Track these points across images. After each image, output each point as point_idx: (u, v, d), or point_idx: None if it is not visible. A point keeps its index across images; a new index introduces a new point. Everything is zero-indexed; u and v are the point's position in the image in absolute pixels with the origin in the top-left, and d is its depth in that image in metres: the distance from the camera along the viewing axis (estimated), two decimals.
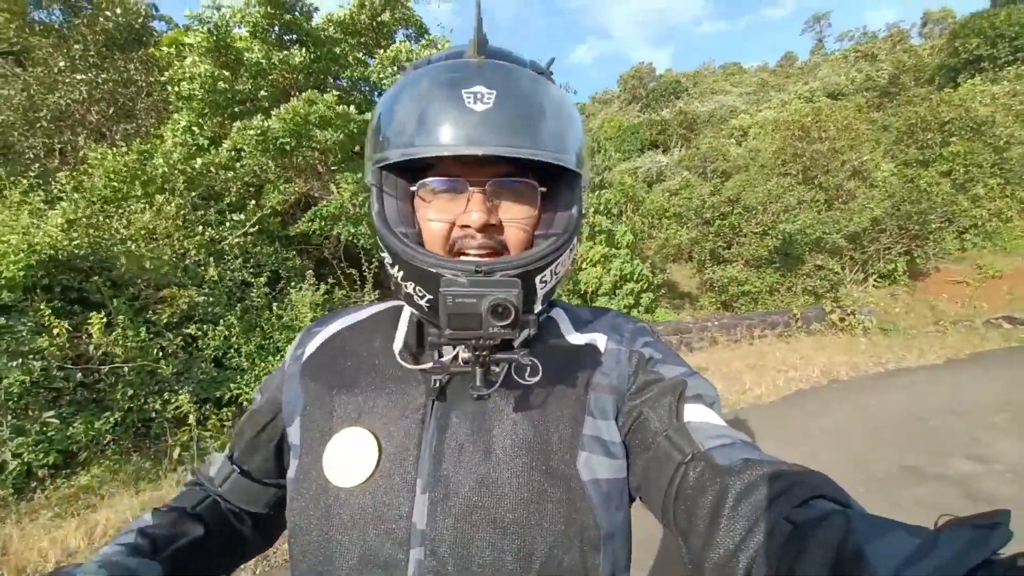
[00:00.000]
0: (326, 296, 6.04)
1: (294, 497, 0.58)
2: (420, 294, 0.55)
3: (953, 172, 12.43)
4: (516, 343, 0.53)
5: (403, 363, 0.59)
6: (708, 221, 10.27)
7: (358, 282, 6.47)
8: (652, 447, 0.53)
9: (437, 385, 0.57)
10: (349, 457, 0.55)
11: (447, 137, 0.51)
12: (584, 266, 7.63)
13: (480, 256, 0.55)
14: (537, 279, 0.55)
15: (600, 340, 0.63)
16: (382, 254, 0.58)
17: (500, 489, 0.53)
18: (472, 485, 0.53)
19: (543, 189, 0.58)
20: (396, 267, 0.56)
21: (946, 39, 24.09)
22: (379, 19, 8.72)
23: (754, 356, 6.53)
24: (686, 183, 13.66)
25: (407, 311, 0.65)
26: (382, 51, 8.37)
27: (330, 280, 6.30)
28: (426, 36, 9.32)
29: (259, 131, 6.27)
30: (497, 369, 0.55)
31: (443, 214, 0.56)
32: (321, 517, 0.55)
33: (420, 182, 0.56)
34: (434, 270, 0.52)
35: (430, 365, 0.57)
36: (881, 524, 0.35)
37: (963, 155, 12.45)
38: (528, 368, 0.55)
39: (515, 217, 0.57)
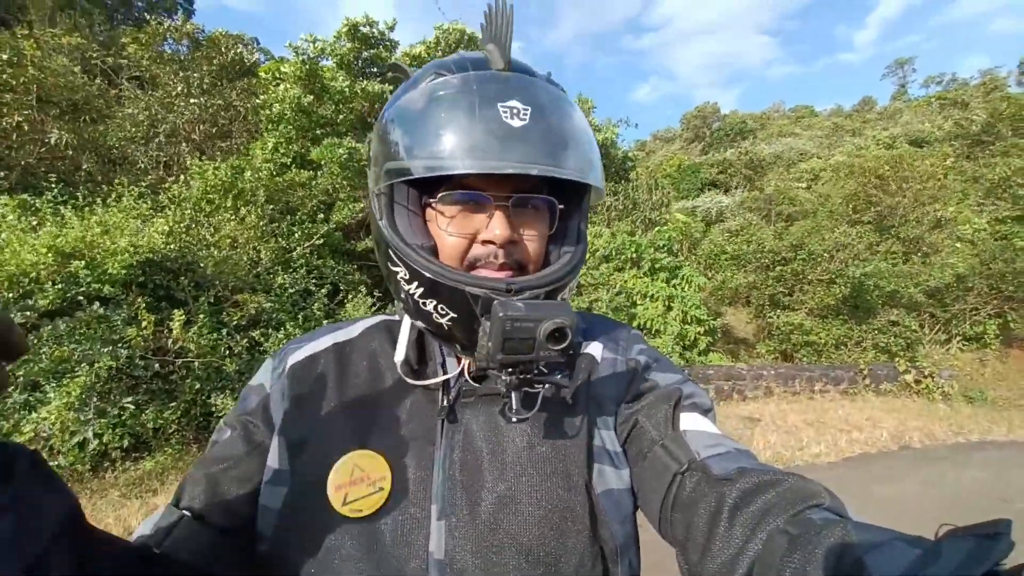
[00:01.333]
0: (379, 308, 6.32)
1: (286, 527, 0.51)
2: (443, 312, 0.52)
3: None
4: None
5: (406, 378, 0.56)
6: (769, 266, 9.84)
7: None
8: (648, 456, 0.52)
9: (445, 404, 0.55)
10: (359, 483, 0.51)
11: (490, 152, 0.49)
12: (640, 301, 7.51)
13: (499, 273, 0.54)
14: (559, 296, 0.55)
15: (596, 349, 0.62)
16: (394, 268, 0.55)
17: (520, 509, 0.51)
18: (490, 508, 0.51)
19: (561, 207, 0.57)
20: (416, 283, 0.53)
21: None
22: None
23: (814, 412, 6.08)
24: (748, 224, 13.22)
25: (406, 326, 0.60)
26: None
27: (380, 294, 6.61)
28: None
29: (347, 150, 6.79)
30: (534, 390, 0.52)
31: (463, 229, 0.54)
32: (322, 551, 0.50)
33: (442, 194, 0.54)
34: (462, 287, 0.50)
35: (436, 381, 0.56)
36: (880, 534, 0.35)
37: None
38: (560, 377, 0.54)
39: (534, 234, 0.56)
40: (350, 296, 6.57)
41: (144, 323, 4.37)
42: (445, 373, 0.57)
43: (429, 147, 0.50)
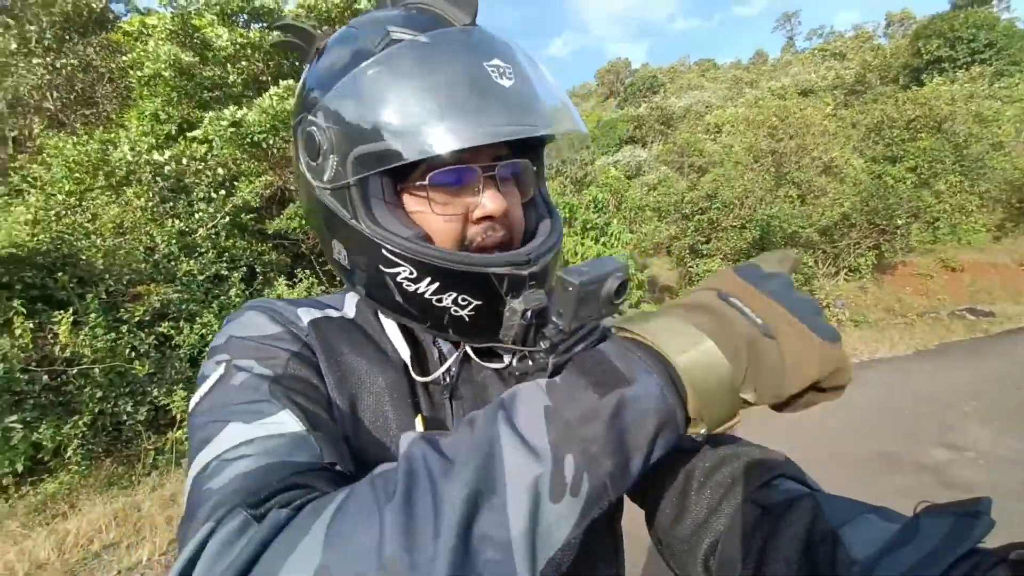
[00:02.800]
0: (306, 293, 5.92)
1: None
2: (464, 303, 0.49)
3: (918, 168, 12.94)
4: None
5: (416, 376, 0.54)
6: (687, 216, 10.43)
7: (338, 279, 6.37)
8: None
9: (449, 383, 0.56)
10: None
11: (495, 118, 0.45)
12: (573, 261, 7.66)
13: (495, 246, 0.52)
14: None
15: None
16: (391, 269, 0.49)
17: None
18: None
19: (534, 168, 0.56)
20: (428, 279, 0.48)
21: (908, 40, 24.99)
22: (355, 7, 8.51)
23: None
24: (664, 178, 13.83)
25: (394, 325, 0.57)
26: None
27: (307, 274, 6.19)
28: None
29: (231, 122, 6.03)
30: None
31: (454, 208, 0.51)
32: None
33: (432, 175, 0.49)
34: (485, 271, 0.47)
35: (439, 373, 0.55)
36: (851, 507, 0.35)
37: (928, 151, 12.97)
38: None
39: (516, 200, 0.54)
40: (269, 279, 6.08)
41: (19, 330, 3.75)
42: (442, 354, 0.57)
43: (420, 122, 0.45)
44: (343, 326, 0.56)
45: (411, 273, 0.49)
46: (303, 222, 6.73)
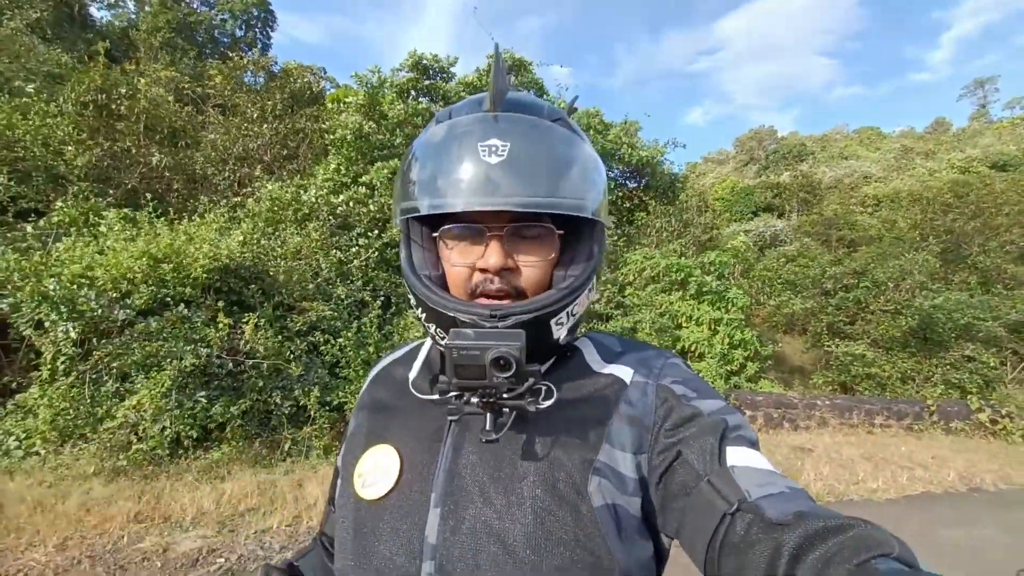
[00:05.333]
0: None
1: (336, 512, 0.64)
2: (440, 335, 0.58)
3: None
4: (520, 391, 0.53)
5: (417, 393, 0.64)
6: (828, 292, 9.40)
7: None
8: (693, 491, 0.50)
9: (456, 406, 0.60)
10: (376, 472, 0.59)
11: (464, 191, 0.53)
12: (686, 324, 7.41)
13: (499, 298, 0.57)
14: (552, 322, 0.57)
15: (626, 373, 0.61)
16: (409, 296, 0.62)
17: (509, 509, 0.53)
18: (481, 503, 0.53)
19: (560, 232, 0.59)
20: (419, 309, 0.60)
21: None
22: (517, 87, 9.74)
23: (873, 446, 5.72)
24: (805, 249, 12.69)
25: (426, 345, 0.72)
26: None
27: None
28: (546, 96, 10.18)
29: (392, 171, 7.24)
30: (507, 410, 0.55)
31: (464, 258, 0.58)
32: (353, 528, 0.58)
33: (443, 228, 0.58)
34: (450, 313, 0.55)
35: (436, 396, 0.62)
36: None
37: None
38: (543, 392, 0.56)
39: (532, 261, 0.58)
40: (400, 309, 6.92)
41: (221, 325, 4.83)
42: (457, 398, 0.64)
43: (424, 187, 0.56)
44: (402, 360, 0.74)
45: (413, 301, 0.62)
46: None
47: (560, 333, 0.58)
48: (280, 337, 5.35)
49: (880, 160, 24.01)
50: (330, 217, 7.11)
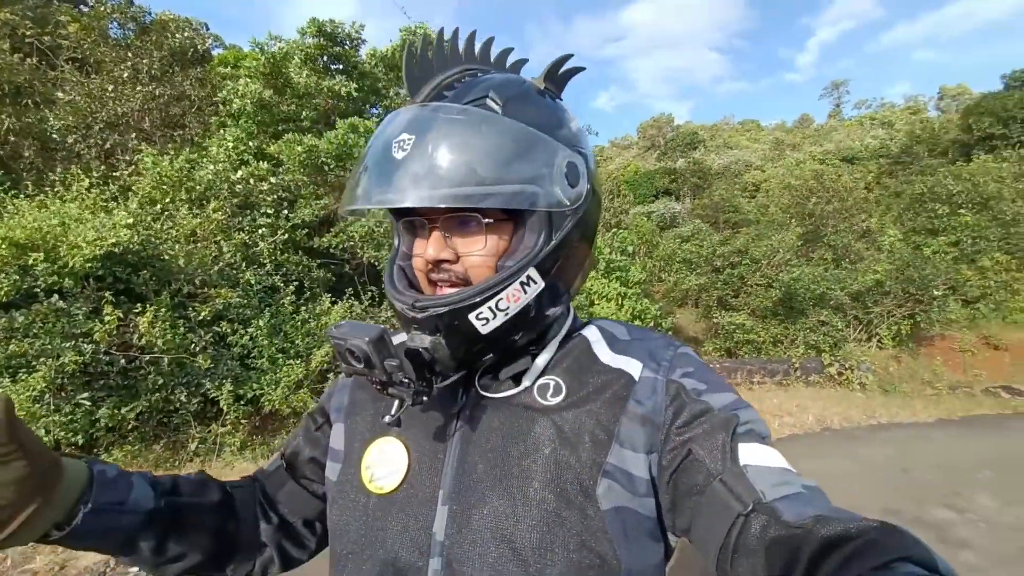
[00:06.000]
0: (348, 311, 6.37)
1: (335, 499, 0.62)
2: (395, 320, 0.60)
3: (961, 243, 12.74)
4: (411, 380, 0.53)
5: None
6: (717, 269, 10.58)
7: (376, 300, 6.84)
8: (706, 491, 0.49)
9: (462, 400, 0.60)
10: (383, 465, 0.59)
11: (371, 188, 0.54)
12: (597, 301, 7.93)
13: (446, 289, 0.57)
14: (472, 316, 0.53)
15: (635, 367, 0.59)
16: None
17: (515, 508, 0.52)
18: (488, 502, 0.53)
19: (488, 220, 0.55)
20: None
21: (960, 115, 24.81)
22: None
23: (753, 400, 6.68)
24: (698, 230, 14.06)
25: None
26: None
27: (348, 292, 6.65)
28: None
29: (306, 148, 6.79)
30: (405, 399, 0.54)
31: (419, 250, 0.59)
32: (359, 520, 0.58)
33: (396, 220, 0.62)
34: (392, 300, 0.58)
35: (446, 383, 0.59)
36: None
37: (971, 227, 12.78)
38: (551, 387, 0.56)
39: (469, 251, 0.56)
40: (315, 294, 6.58)
41: (108, 318, 4.29)
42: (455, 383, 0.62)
43: (350, 184, 0.57)
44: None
45: None
46: (344, 240, 7.31)
47: (485, 328, 0.54)
48: (182, 328, 4.88)
49: (758, 150, 26.98)
50: (231, 197, 6.50)
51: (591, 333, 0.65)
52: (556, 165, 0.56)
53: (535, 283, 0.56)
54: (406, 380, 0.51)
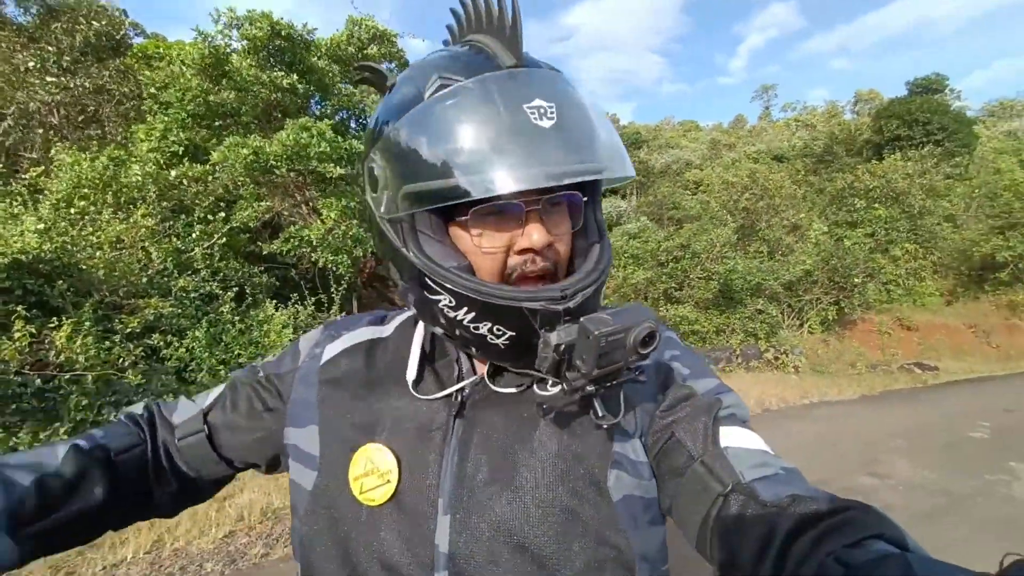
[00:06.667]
0: (293, 316, 6.11)
1: (312, 510, 0.55)
2: (499, 333, 0.50)
3: (876, 234, 13.97)
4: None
5: (417, 395, 0.56)
6: (663, 263, 11.02)
7: (325, 304, 6.62)
8: (687, 472, 0.50)
9: (458, 400, 0.55)
10: (371, 474, 0.53)
11: (531, 162, 0.45)
12: None
13: (539, 279, 0.52)
14: (600, 296, 0.52)
15: None
16: (433, 296, 0.51)
17: (526, 510, 0.50)
18: (496, 507, 0.50)
19: (585, 199, 0.54)
20: (465, 308, 0.50)
21: (872, 118, 27.15)
22: (365, 51, 9.16)
23: None
24: (644, 227, 14.58)
25: (418, 339, 0.61)
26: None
27: (294, 297, 6.39)
28: None
29: (253, 151, 6.43)
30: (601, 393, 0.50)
31: (498, 242, 0.51)
32: (342, 534, 0.52)
33: (475, 210, 0.49)
34: (518, 304, 0.48)
35: (444, 394, 0.56)
36: (942, 569, 0.33)
37: (884, 220, 14.05)
38: (549, 380, 0.52)
39: (562, 233, 0.53)
40: (258, 300, 6.27)
41: (19, 334, 3.89)
42: (460, 372, 0.57)
43: (460, 166, 0.46)
44: (351, 353, 0.63)
45: (450, 302, 0.50)
46: (297, 245, 7.03)
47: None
48: (107, 343, 4.50)
49: (697, 150, 28.29)
50: (159, 200, 6.05)
51: None
52: None
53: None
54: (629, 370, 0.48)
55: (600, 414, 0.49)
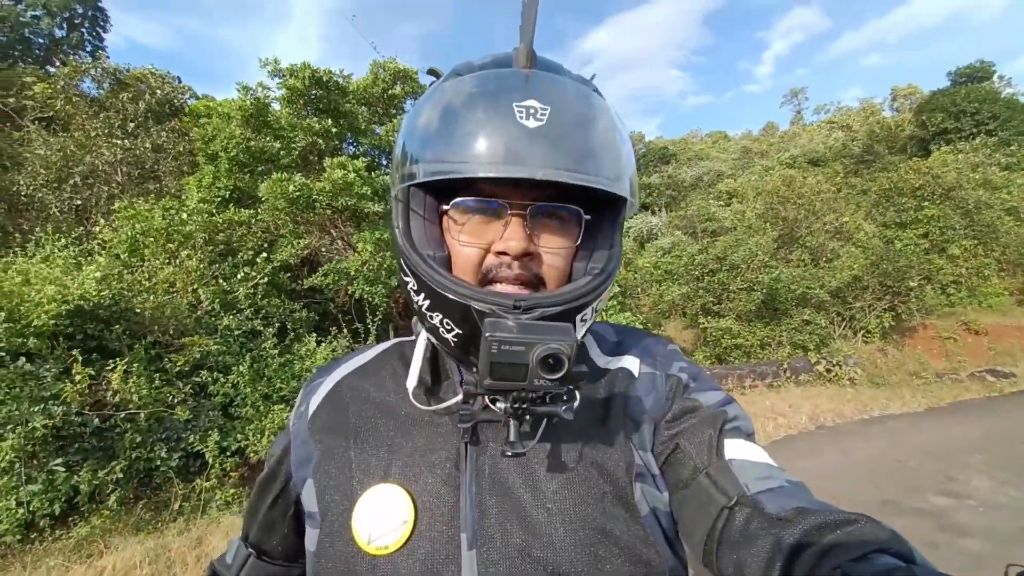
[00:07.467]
0: (332, 350, 6.28)
1: (318, 571, 0.51)
2: (448, 327, 0.49)
3: (930, 234, 13.14)
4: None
5: (417, 404, 0.54)
6: (699, 278, 10.71)
7: (362, 335, 6.78)
8: (692, 484, 0.49)
9: (469, 425, 0.52)
10: (381, 518, 0.49)
11: (496, 155, 0.45)
12: None
13: (515, 288, 0.50)
14: (578, 317, 0.49)
15: (633, 364, 0.58)
16: (405, 278, 0.52)
17: (555, 535, 0.47)
18: (523, 534, 0.47)
19: (587, 217, 0.52)
20: (422, 295, 0.50)
21: (914, 113, 25.96)
22: (390, 92, 9.63)
23: (745, 405, 6.69)
24: (677, 242, 14.30)
25: (420, 346, 0.58)
26: (392, 121, 9.22)
27: (333, 331, 6.58)
28: None
29: (297, 185, 6.86)
30: (528, 418, 0.48)
31: (477, 238, 0.50)
32: None
33: (454, 201, 0.50)
34: (466, 302, 0.46)
35: (449, 404, 0.53)
36: None
37: (936, 218, 13.22)
38: (564, 395, 0.50)
39: (555, 247, 0.51)
40: (299, 335, 6.49)
41: (79, 377, 4.15)
42: (469, 402, 0.53)
43: (435, 150, 0.48)
44: (369, 370, 0.62)
45: (414, 286, 0.51)
46: (336, 279, 7.29)
47: (581, 331, 0.50)
48: (158, 381, 4.74)
49: (727, 160, 27.76)
50: (207, 245, 6.45)
51: (584, 338, 0.61)
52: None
53: (612, 288, 0.54)
54: (563, 392, 0.44)
55: (511, 439, 0.46)
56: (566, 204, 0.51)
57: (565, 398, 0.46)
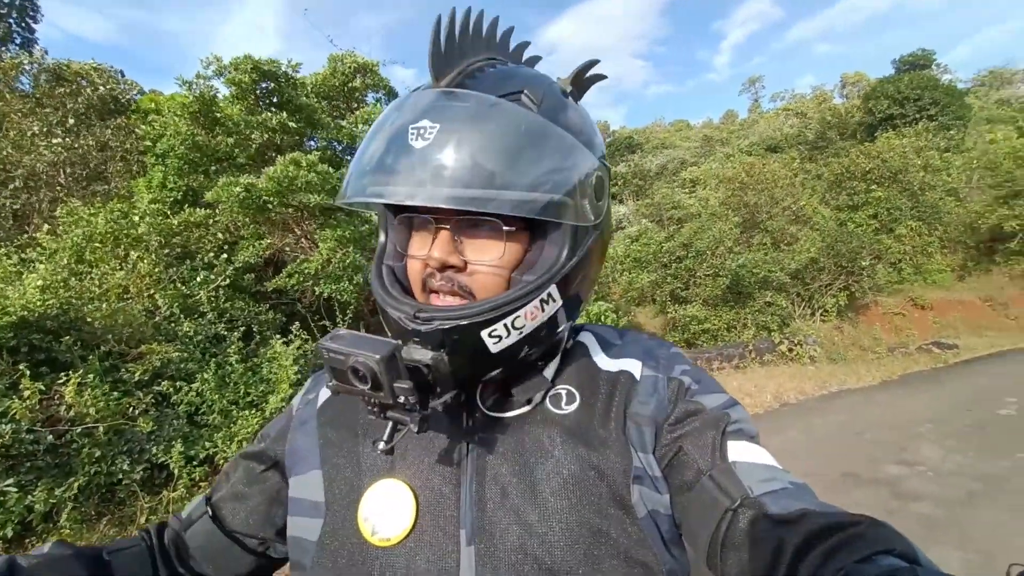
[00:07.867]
0: (299, 350, 6.12)
1: (319, 561, 0.52)
2: (387, 330, 0.52)
3: (879, 215, 13.83)
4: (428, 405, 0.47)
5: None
6: (666, 265, 10.96)
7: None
8: (695, 487, 0.50)
9: (470, 424, 0.54)
10: (385, 511, 0.51)
11: (381, 179, 0.48)
12: None
13: (449, 299, 0.51)
14: (484, 333, 0.48)
15: (635, 367, 0.58)
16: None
17: (552, 534, 0.48)
18: (520, 532, 0.48)
19: (509, 228, 0.50)
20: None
21: (862, 100, 27.12)
22: (350, 84, 9.37)
23: None
24: (644, 230, 14.54)
25: None
26: (354, 114, 8.98)
27: (303, 334, 6.40)
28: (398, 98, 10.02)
29: (244, 188, 6.55)
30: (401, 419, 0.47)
31: (414, 250, 0.53)
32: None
33: (398, 217, 0.55)
34: (385, 307, 0.51)
35: (440, 401, 0.51)
36: None
37: (884, 200, 13.92)
38: (564, 397, 0.52)
39: (481, 259, 0.50)
40: (265, 337, 6.29)
41: (27, 392, 3.92)
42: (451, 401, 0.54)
43: (353, 171, 0.51)
44: None
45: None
46: (301, 280, 7.09)
47: (496, 347, 0.49)
48: (116, 393, 4.52)
49: (690, 148, 28.36)
50: (162, 248, 6.14)
51: (587, 339, 0.63)
52: (589, 177, 0.52)
53: (554, 301, 0.51)
54: (412, 402, 0.44)
55: (385, 438, 0.47)
56: (485, 218, 0.49)
57: (418, 409, 0.45)
